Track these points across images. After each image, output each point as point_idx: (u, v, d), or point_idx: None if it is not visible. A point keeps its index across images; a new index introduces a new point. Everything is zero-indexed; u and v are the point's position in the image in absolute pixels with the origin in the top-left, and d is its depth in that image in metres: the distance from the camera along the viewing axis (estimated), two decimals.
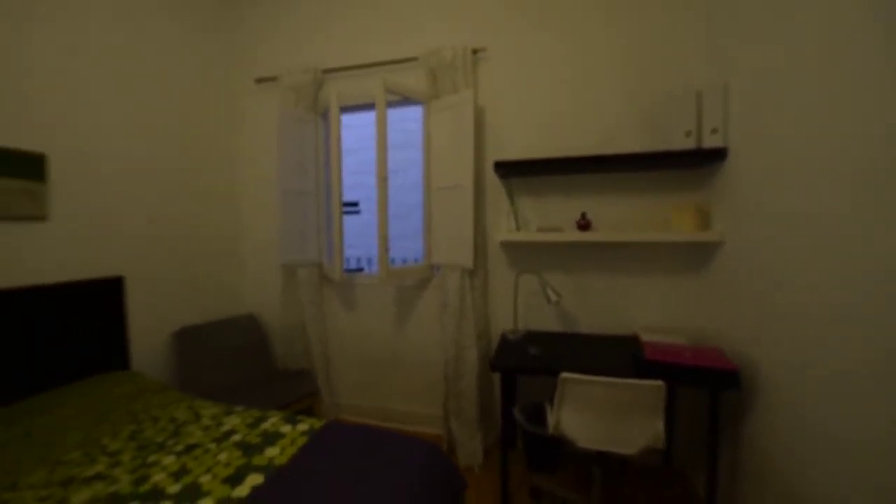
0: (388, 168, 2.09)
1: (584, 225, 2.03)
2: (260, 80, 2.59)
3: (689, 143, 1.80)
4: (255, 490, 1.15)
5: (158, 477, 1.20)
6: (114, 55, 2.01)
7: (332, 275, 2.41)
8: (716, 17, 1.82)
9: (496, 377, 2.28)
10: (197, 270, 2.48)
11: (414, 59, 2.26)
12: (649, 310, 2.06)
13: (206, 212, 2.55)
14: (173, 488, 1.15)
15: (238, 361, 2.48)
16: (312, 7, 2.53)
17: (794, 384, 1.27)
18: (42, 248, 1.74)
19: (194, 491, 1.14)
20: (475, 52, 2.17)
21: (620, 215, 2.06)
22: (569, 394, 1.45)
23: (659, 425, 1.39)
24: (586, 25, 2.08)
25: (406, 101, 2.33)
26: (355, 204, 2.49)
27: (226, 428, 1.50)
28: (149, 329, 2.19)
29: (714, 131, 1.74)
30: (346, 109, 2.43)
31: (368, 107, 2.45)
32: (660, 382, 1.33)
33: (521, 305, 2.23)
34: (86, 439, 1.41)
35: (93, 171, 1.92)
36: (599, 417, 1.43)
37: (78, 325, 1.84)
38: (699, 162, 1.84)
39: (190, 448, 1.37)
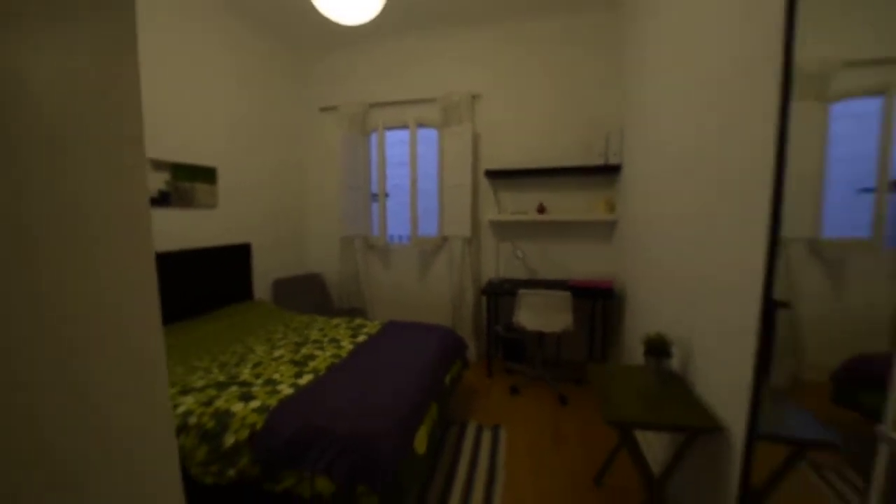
0: (393, 170, 3.26)
1: (541, 209, 3.23)
2: (323, 109, 3.72)
3: (601, 161, 2.98)
4: (364, 341, 2.37)
5: (314, 337, 2.42)
6: (241, 104, 3.14)
7: (377, 243, 3.61)
8: (619, 85, 2.98)
9: (483, 305, 3.50)
10: (284, 243, 3.67)
11: (432, 99, 3.40)
12: (580, 263, 3.27)
13: (288, 203, 3.72)
14: (325, 341, 2.37)
15: (311, 301, 3.70)
16: (362, 60, 3.63)
17: (642, 294, 2.49)
18: (213, 225, 2.92)
19: (336, 341, 2.36)
20: (474, 96, 3.31)
21: (564, 203, 3.25)
22: (522, 301, 2.68)
23: (569, 318, 2.62)
24: (544, 82, 3.22)
25: (424, 126, 3.48)
26: (387, 195, 3.66)
27: (334, 324, 2.72)
28: (259, 277, 3.39)
29: (615, 154, 2.92)
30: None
31: (395, 128, 3.59)
32: (567, 293, 2.57)
33: (501, 262, 3.44)
34: (264, 329, 2.62)
35: (233, 178, 3.07)
36: (538, 313, 2.66)
37: (229, 271, 3.04)
38: (607, 172, 3.03)
39: (321, 329, 2.59)
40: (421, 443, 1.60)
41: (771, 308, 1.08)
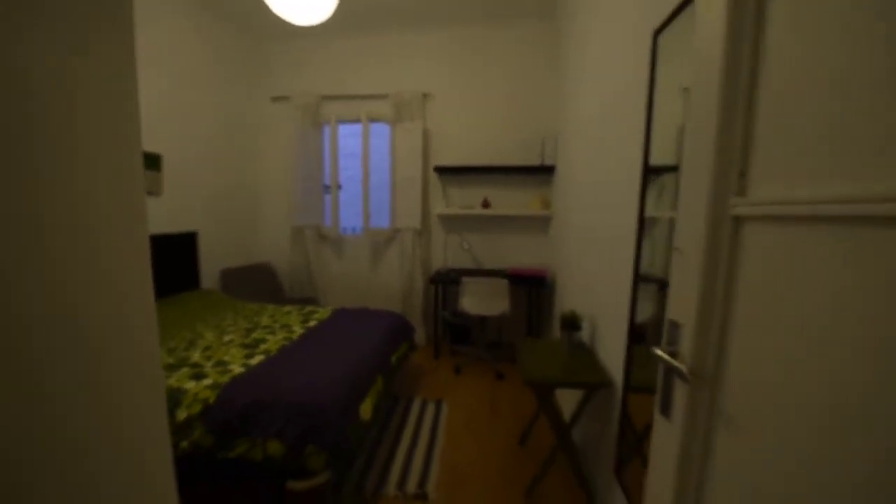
0: (346, 161, 3.39)
1: (486, 204, 3.49)
2: (275, 99, 3.72)
3: (538, 161, 3.29)
4: (315, 326, 2.51)
5: (265, 323, 2.51)
6: (189, 91, 3.09)
7: (329, 234, 3.70)
8: (556, 93, 3.29)
9: (431, 293, 3.73)
10: (233, 232, 3.66)
11: (385, 95, 3.53)
12: (520, 254, 3.59)
13: (237, 192, 3.69)
14: (276, 327, 2.47)
15: (261, 291, 3.72)
16: (315, 52, 3.67)
17: (566, 280, 2.82)
18: (157, 212, 2.88)
19: (287, 326, 2.47)
20: (425, 95, 3.48)
21: (506, 199, 3.54)
22: (466, 289, 2.93)
23: (506, 303, 2.91)
24: (491, 86, 3.47)
25: (376, 121, 3.60)
26: (339, 186, 3.76)
27: (285, 311, 2.81)
28: (207, 266, 3.37)
29: (549, 156, 3.24)
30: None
31: (349, 122, 3.69)
32: (504, 280, 2.85)
33: (449, 253, 3.68)
34: (213, 317, 2.66)
35: (179, 165, 3.03)
36: (480, 299, 2.93)
37: (174, 260, 3.01)
38: (543, 172, 3.35)
39: (272, 316, 2.68)
40: (366, 410, 1.78)
41: (636, 295, 1.39)
